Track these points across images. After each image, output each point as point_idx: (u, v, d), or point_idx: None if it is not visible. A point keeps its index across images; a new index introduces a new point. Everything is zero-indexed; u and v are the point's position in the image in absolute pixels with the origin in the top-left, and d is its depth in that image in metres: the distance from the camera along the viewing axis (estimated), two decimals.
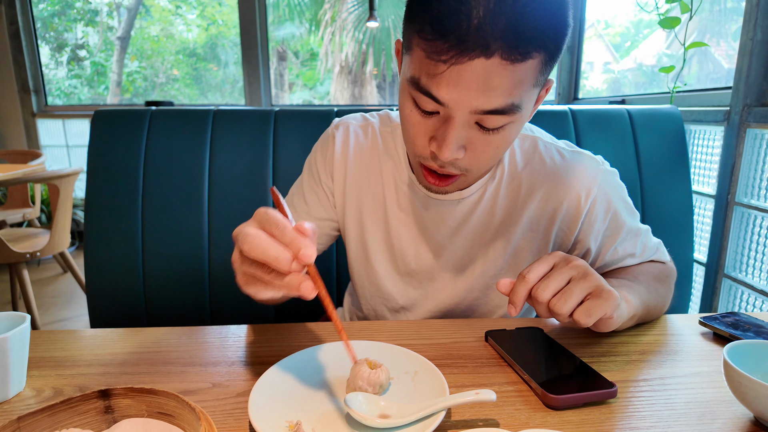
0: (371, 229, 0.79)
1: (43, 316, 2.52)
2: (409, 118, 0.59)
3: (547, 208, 0.73)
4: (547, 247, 0.75)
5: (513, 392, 0.53)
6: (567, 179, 0.72)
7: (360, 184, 0.79)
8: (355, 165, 0.79)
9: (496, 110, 0.54)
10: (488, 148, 0.59)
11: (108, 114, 1.11)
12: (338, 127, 0.81)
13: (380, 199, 0.78)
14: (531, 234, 0.74)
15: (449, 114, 0.56)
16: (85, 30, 4.02)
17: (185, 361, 0.60)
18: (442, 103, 0.54)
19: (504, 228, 0.74)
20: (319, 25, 4.06)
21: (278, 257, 0.42)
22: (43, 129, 3.69)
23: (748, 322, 0.68)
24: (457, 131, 0.56)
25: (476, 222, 0.74)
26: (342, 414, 0.48)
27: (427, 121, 0.58)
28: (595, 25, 3.00)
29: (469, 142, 0.58)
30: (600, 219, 0.72)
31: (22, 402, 0.52)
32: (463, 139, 0.57)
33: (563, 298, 0.53)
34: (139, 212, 1.07)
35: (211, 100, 4.03)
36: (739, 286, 1.44)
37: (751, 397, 0.45)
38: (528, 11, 0.50)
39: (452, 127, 0.55)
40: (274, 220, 0.44)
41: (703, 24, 1.96)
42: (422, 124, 0.59)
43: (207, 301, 1.09)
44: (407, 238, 0.77)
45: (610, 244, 0.74)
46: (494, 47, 0.50)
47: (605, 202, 0.72)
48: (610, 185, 0.73)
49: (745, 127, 1.38)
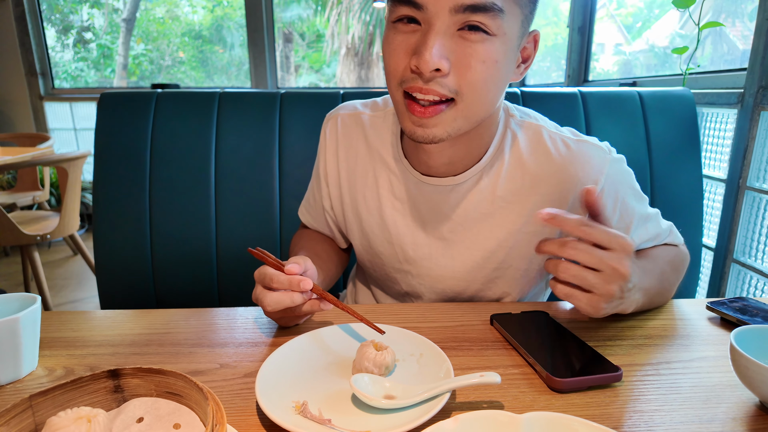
0: (368, 220, 0.79)
1: (55, 298, 2.56)
2: (391, 44, 0.59)
3: (553, 200, 0.71)
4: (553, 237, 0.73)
5: (518, 375, 0.54)
6: (573, 171, 0.70)
7: (353, 174, 0.79)
8: (345, 156, 0.79)
9: (477, 5, 0.53)
10: (473, 62, 0.56)
11: (114, 97, 1.10)
12: (327, 121, 0.82)
13: (373, 188, 0.78)
14: (535, 227, 0.72)
15: (429, 20, 0.55)
16: (90, 12, 4.01)
17: (193, 342, 0.61)
18: (420, 6, 0.54)
19: (506, 218, 0.72)
20: (325, 6, 4.01)
21: (292, 300, 0.58)
22: (51, 112, 3.70)
23: (756, 307, 0.67)
24: (437, 36, 0.55)
25: (473, 210, 0.72)
26: (348, 395, 0.49)
27: (407, 38, 0.57)
28: (607, 5, 2.93)
29: (452, 53, 0.56)
30: (609, 209, 0.71)
31: (35, 381, 0.53)
32: (446, 48, 0.56)
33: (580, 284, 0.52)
34: (147, 195, 1.07)
35: (217, 82, 4.01)
36: (748, 272, 1.43)
37: (757, 381, 0.45)
38: None
39: (433, 32, 0.55)
40: (268, 276, 0.59)
41: (718, 3, 1.91)
42: (403, 42, 0.58)
43: (215, 283, 1.10)
44: (403, 225, 0.76)
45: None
46: None
47: (613, 192, 0.70)
48: (617, 174, 0.71)
49: (759, 110, 1.35)
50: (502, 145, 0.71)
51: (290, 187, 1.09)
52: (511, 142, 0.72)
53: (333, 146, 0.80)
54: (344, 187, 0.80)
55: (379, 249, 0.80)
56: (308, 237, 0.88)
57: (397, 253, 0.78)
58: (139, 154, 1.08)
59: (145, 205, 1.07)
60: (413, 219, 0.75)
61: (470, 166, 0.71)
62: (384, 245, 0.79)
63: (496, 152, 0.71)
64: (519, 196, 0.72)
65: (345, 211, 0.82)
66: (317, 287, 0.60)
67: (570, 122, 1.09)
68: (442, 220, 0.74)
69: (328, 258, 0.83)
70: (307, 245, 0.83)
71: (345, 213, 0.82)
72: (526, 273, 0.75)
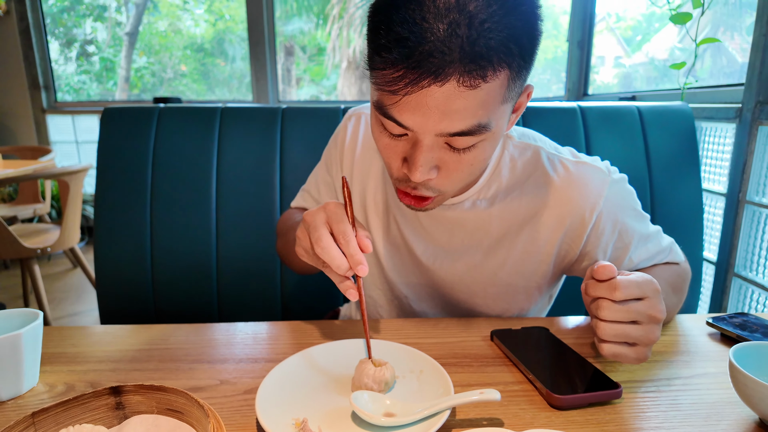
0: (375, 221, 0.80)
1: (54, 311, 2.55)
2: (380, 140, 0.58)
3: (551, 223, 0.71)
4: (550, 258, 0.73)
5: (518, 392, 0.54)
6: (571, 194, 0.69)
7: (365, 173, 0.80)
8: (362, 155, 0.80)
9: (462, 132, 0.52)
10: (461, 167, 0.57)
11: (117, 111, 1.12)
12: (351, 117, 0.83)
13: (382, 190, 0.79)
14: (533, 246, 0.72)
15: (416, 137, 0.54)
16: (93, 25, 4.05)
17: (193, 358, 0.61)
18: (407, 128, 0.53)
19: (504, 238, 0.72)
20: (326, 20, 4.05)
21: (340, 266, 0.53)
22: (53, 125, 3.72)
23: (757, 323, 0.67)
24: (426, 154, 0.54)
25: (472, 229, 0.73)
26: (348, 412, 0.49)
27: (397, 143, 0.57)
28: (606, 19, 2.97)
29: (440, 162, 0.56)
30: (608, 232, 0.70)
31: (36, 397, 0.53)
32: (434, 160, 0.55)
33: (618, 338, 0.52)
34: (148, 208, 1.08)
35: (219, 95, 4.04)
36: (750, 286, 1.43)
37: (756, 399, 0.45)
38: (486, 29, 0.46)
39: (421, 150, 0.54)
40: (342, 227, 0.54)
41: (716, 17, 1.93)
42: (393, 146, 0.57)
43: (215, 298, 1.10)
44: (406, 232, 0.77)
45: (623, 255, 0.72)
46: (449, 72, 0.47)
47: (612, 214, 0.70)
48: (617, 196, 0.70)
49: (758, 125, 1.36)
50: (500, 167, 0.71)
51: (291, 200, 1.09)
52: (509, 164, 0.72)
53: (353, 143, 0.81)
54: (356, 184, 0.81)
55: (381, 252, 0.80)
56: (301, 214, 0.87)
57: (398, 260, 0.79)
58: (141, 168, 1.08)
59: (146, 219, 1.08)
60: (415, 229, 0.76)
61: (468, 188, 0.71)
62: (387, 249, 0.80)
63: (492, 175, 0.71)
64: (517, 218, 0.72)
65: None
66: (360, 279, 0.56)
67: (570, 137, 1.10)
68: (443, 232, 0.74)
69: None
70: None
71: None
72: (525, 290, 0.76)
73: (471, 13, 0.46)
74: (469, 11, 0.46)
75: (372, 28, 0.51)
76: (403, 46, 0.47)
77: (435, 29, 0.46)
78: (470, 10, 0.46)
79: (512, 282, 0.75)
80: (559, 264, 0.74)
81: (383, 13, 0.50)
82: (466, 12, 0.46)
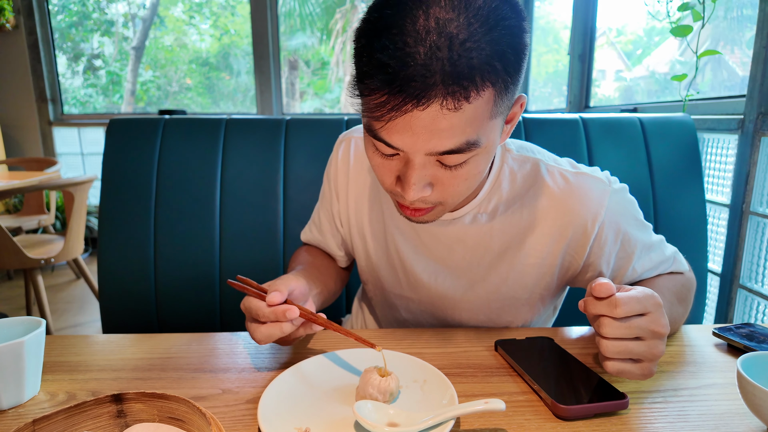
0: (373, 244, 0.80)
1: (57, 322, 2.55)
2: (373, 160, 0.58)
3: (553, 234, 0.70)
4: (554, 270, 0.72)
5: (523, 402, 0.53)
6: (572, 205, 0.69)
7: (361, 198, 0.80)
8: (355, 180, 0.80)
9: (452, 150, 0.52)
10: (456, 182, 0.57)
11: (123, 123, 1.13)
12: (341, 143, 0.82)
13: (379, 213, 0.78)
14: (535, 259, 0.72)
15: (408, 156, 0.54)
16: (101, 40, 4.10)
17: (196, 367, 0.61)
18: (397, 149, 0.53)
19: (506, 252, 0.72)
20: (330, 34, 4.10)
21: (282, 331, 0.57)
22: (59, 137, 3.76)
23: (764, 333, 0.66)
24: (418, 172, 0.54)
25: (473, 244, 0.72)
26: (351, 421, 0.48)
27: (389, 162, 0.57)
28: (607, 33, 2.99)
29: (434, 179, 0.56)
30: (610, 242, 0.70)
31: (37, 405, 0.53)
32: (427, 177, 0.56)
33: (621, 354, 0.51)
34: (152, 220, 1.08)
35: (223, 108, 4.08)
36: (755, 297, 1.41)
37: (765, 409, 0.45)
38: (467, 49, 0.46)
39: (413, 169, 0.54)
40: (253, 310, 0.58)
41: (716, 31, 1.94)
42: (385, 164, 0.57)
43: (217, 308, 1.09)
44: (405, 252, 0.76)
45: (627, 265, 0.72)
46: (431, 95, 0.47)
47: (614, 224, 0.70)
48: (618, 205, 0.70)
49: (760, 136, 1.36)
50: (499, 180, 0.71)
51: (294, 211, 1.10)
52: (509, 177, 0.71)
53: (345, 167, 0.80)
54: (351, 208, 0.81)
55: (382, 273, 0.80)
56: (307, 251, 0.87)
57: (399, 279, 0.79)
58: (146, 179, 1.09)
59: (150, 230, 1.08)
60: (415, 246, 0.75)
61: (467, 202, 0.71)
62: (387, 269, 0.79)
63: (492, 188, 0.71)
64: (518, 230, 0.71)
65: (351, 230, 0.82)
66: (304, 310, 0.58)
67: (572, 148, 1.11)
68: (444, 249, 0.74)
69: (326, 271, 0.83)
70: (305, 260, 0.83)
71: (351, 233, 0.82)
72: (528, 302, 0.75)
73: (451, 34, 0.46)
74: (449, 32, 0.46)
75: (356, 55, 0.52)
76: (384, 72, 0.47)
77: (416, 53, 0.46)
78: (450, 31, 0.46)
79: (515, 295, 0.74)
80: (562, 276, 0.74)
81: (366, 38, 0.50)
82: (446, 33, 0.46)
